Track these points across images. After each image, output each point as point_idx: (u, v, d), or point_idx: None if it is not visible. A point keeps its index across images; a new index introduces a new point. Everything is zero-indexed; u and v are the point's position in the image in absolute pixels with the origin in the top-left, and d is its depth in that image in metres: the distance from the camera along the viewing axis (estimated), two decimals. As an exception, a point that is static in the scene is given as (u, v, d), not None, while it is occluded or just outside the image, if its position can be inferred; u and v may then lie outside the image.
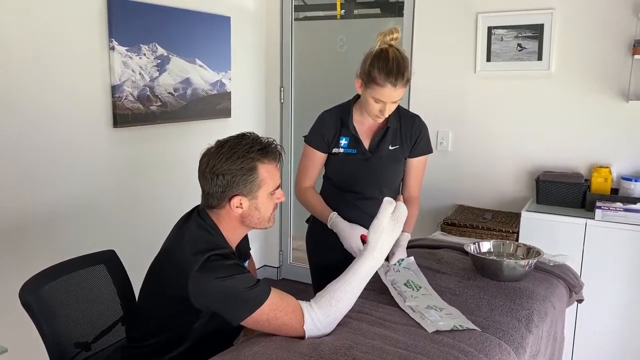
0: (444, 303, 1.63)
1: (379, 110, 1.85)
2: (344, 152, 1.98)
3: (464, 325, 1.48)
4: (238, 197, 1.42)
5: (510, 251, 1.97)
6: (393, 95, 1.80)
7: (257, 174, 1.41)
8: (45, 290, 1.55)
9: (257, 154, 1.41)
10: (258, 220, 1.47)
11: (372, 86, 1.80)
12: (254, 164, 1.41)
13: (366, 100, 1.86)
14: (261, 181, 1.42)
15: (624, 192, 2.70)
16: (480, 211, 3.05)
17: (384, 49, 1.80)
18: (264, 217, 1.47)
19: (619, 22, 2.73)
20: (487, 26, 3.00)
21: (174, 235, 1.48)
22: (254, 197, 1.43)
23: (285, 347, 1.33)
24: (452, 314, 1.55)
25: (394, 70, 1.76)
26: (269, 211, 1.48)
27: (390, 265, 1.80)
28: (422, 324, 1.48)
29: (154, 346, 1.46)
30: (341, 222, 1.91)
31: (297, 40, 3.68)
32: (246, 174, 1.40)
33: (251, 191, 1.42)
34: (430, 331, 1.44)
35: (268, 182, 1.44)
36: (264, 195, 1.44)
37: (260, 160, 1.42)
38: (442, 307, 1.59)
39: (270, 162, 1.44)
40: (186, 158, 3.02)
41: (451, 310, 1.58)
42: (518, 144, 3.04)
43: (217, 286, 1.33)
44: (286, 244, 3.93)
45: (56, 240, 2.43)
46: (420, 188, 2.08)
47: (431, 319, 1.50)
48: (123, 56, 2.60)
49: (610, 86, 2.80)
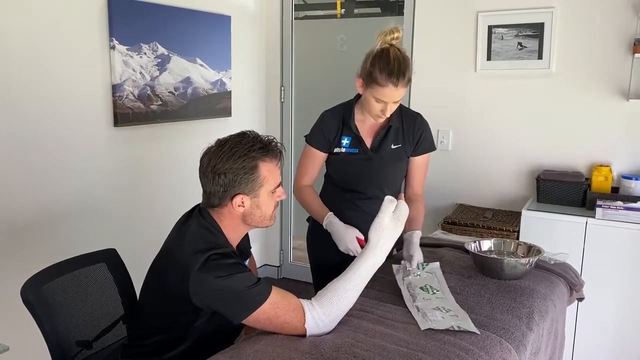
0: (455, 306, 1.59)
1: (380, 110, 1.84)
2: (346, 152, 1.97)
3: (462, 327, 1.44)
4: (240, 195, 1.42)
5: (511, 250, 1.97)
6: (394, 95, 1.80)
7: (258, 173, 1.41)
8: (46, 288, 1.55)
9: (258, 152, 1.41)
10: (260, 219, 1.47)
11: (374, 86, 1.79)
12: (255, 163, 1.41)
13: (367, 100, 1.85)
14: (263, 179, 1.42)
15: (624, 191, 2.71)
16: (481, 210, 3.05)
17: (385, 48, 1.80)
18: (265, 215, 1.48)
19: (619, 21, 2.73)
20: (488, 25, 3.01)
21: (175, 234, 1.48)
22: (256, 196, 1.43)
23: (286, 345, 1.33)
24: (456, 316, 1.52)
25: (395, 70, 1.76)
26: (270, 209, 1.48)
27: (411, 269, 1.77)
28: (417, 320, 1.48)
29: (154, 345, 1.46)
30: (337, 223, 1.90)
31: (298, 39, 3.68)
32: (248, 172, 1.40)
33: (253, 190, 1.42)
34: (423, 328, 1.44)
35: (269, 181, 1.44)
36: (265, 194, 1.45)
37: (262, 159, 1.42)
38: (451, 308, 1.56)
39: (271, 161, 1.44)
40: (186, 157, 3.02)
41: (458, 313, 1.54)
42: (518, 142, 3.05)
43: (218, 285, 1.33)
44: (286, 243, 3.93)
45: (57, 239, 2.43)
46: (423, 186, 2.09)
47: (432, 319, 1.48)
48: (124, 55, 2.60)
49: (611, 85, 2.80)
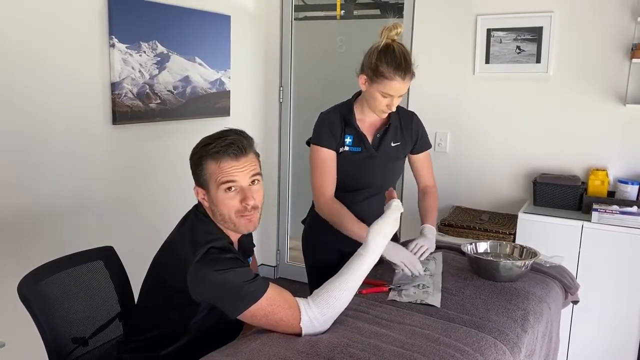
0: (437, 285, 1.72)
1: (385, 105, 1.85)
2: (349, 151, 1.96)
3: (425, 301, 1.60)
4: (198, 188, 1.46)
5: (507, 252, 1.98)
6: (401, 89, 1.81)
7: (204, 168, 1.42)
8: (43, 285, 1.55)
9: (203, 148, 1.43)
10: (221, 218, 1.44)
11: (381, 80, 1.80)
12: (200, 155, 1.43)
13: (373, 95, 1.85)
14: (209, 176, 1.42)
15: (620, 195, 2.72)
16: (478, 212, 3.06)
17: (389, 43, 1.81)
18: (224, 215, 1.43)
19: (617, 26, 2.75)
20: (487, 28, 3.02)
21: (178, 228, 1.50)
22: (208, 191, 1.44)
23: (282, 344, 1.34)
24: (427, 292, 1.67)
25: (402, 63, 1.78)
26: (228, 210, 1.43)
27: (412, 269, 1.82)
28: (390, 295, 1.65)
29: (152, 340, 1.46)
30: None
31: (297, 40, 3.69)
32: (196, 166, 1.44)
33: (203, 185, 1.44)
34: (388, 299, 1.62)
35: (214, 177, 1.41)
36: (216, 191, 1.42)
37: (210, 156, 1.41)
38: (429, 285, 1.71)
39: (219, 158, 1.40)
40: (184, 156, 2.97)
41: (434, 289, 1.69)
42: (516, 146, 3.06)
43: (216, 278, 1.34)
44: (283, 243, 3.93)
45: (55, 236, 2.43)
46: (434, 177, 2.13)
47: (405, 294, 1.65)
48: (123, 53, 2.60)
49: (608, 89, 2.81)
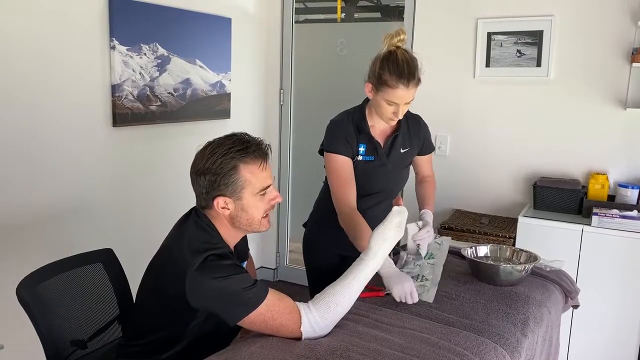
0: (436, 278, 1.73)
1: (392, 113, 1.83)
2: (363, 160, 1.91)
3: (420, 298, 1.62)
4: (222, 198, 1.40)
5: (507, 256, 1.97)
6: (406, 96, 1.79)
7: (238, 175, 1.38)
8: (42, 287, 1.55)
9: (237, 154, 1.38)
10: (247, 222, 1.44)
11: (384, 89, 1.78)
12: (234, 164, 1.38)
13: (378, 103, 1.83)
14: (244, 182, 1.39)
15: (620, 199, 2.72)
16: (478, 216, 3.06)
17: (392, 51, 1.80)
18: (252, 218, 1.44)
19: (618, 30, 2.75)
20: (487, 32, 3.02)
21: (174, 234, 1.48)
22: (239, 198, 1.40)
23: (281, 348, 1.33)
24: (425, 286, 1.69)
25: (405, 71, 1.76)
26: (258, 213, 1.44)
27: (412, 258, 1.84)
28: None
29: (150, 344, 1.46)
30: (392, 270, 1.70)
31: (298, 42, 3.69)
32: (227, 174, 1.37)
33: (234, 192, 1.39)
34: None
35: (252, 183, 1.40)
36: (250, 196, 1.41)
37: (242, 161, 1.38)
38: (428, 279, 1.73)
39: (253, 162, 1.40)
40: (184, 158, 2.97)
41: (431, 284, 1.70)
42: (516, 149, 3.06)
43: (214, 286, 1.32)
44: (283, 245, 3.93)
45: (54, 238, 2.43)
46: (432, 168, 2.16)
47: None
48: (123, 55, 2.60)
49: (609, 93, 2.81)
